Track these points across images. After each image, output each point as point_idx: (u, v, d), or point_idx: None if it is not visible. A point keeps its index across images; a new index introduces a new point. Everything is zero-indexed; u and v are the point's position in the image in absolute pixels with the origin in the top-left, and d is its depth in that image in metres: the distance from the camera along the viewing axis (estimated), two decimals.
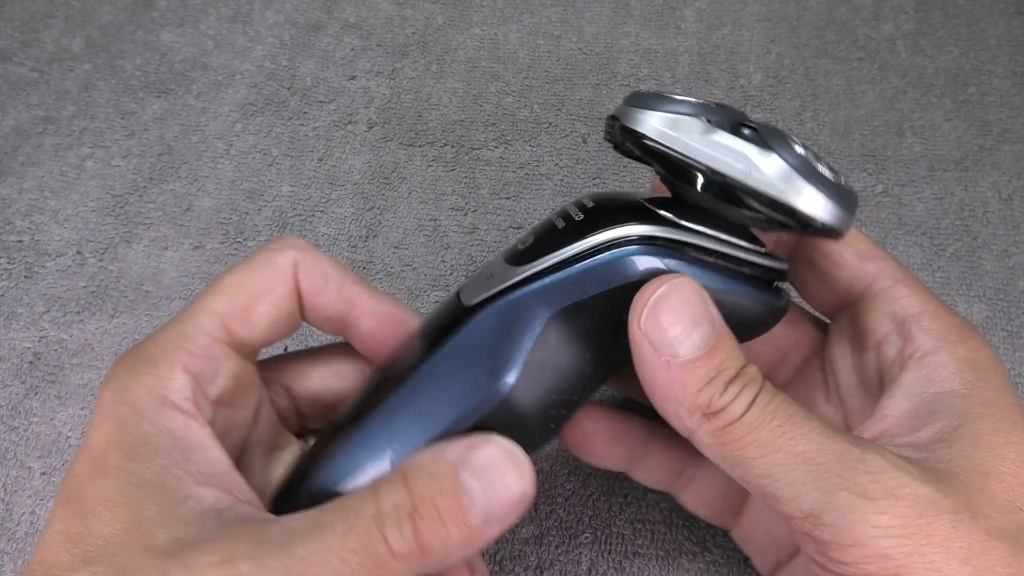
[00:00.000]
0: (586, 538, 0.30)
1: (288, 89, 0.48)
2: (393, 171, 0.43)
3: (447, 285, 0.39)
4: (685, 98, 0.21)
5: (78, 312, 0.38)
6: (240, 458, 0.24)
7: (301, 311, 0.24)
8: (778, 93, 0.46)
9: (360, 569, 0.18)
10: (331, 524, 0.19)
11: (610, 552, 0.30)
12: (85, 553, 0.18)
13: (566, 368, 0.21)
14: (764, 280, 0.22)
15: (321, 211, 0.42)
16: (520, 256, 0.22)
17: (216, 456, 0.20)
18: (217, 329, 0.22)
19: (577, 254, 0.21)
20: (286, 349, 0.34)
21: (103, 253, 0.40)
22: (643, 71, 0.48)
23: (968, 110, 0.45)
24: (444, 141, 0.45)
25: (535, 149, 0.44)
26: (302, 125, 0.46)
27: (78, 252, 0.40)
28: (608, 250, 0.21)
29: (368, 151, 0.44)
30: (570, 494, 0.31)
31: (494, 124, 0.45)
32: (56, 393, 0.35)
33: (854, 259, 0.24)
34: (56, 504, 0.19)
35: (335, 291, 0.24)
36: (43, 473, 0.33)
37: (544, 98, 0.47)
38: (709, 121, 0.20)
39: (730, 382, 0.20)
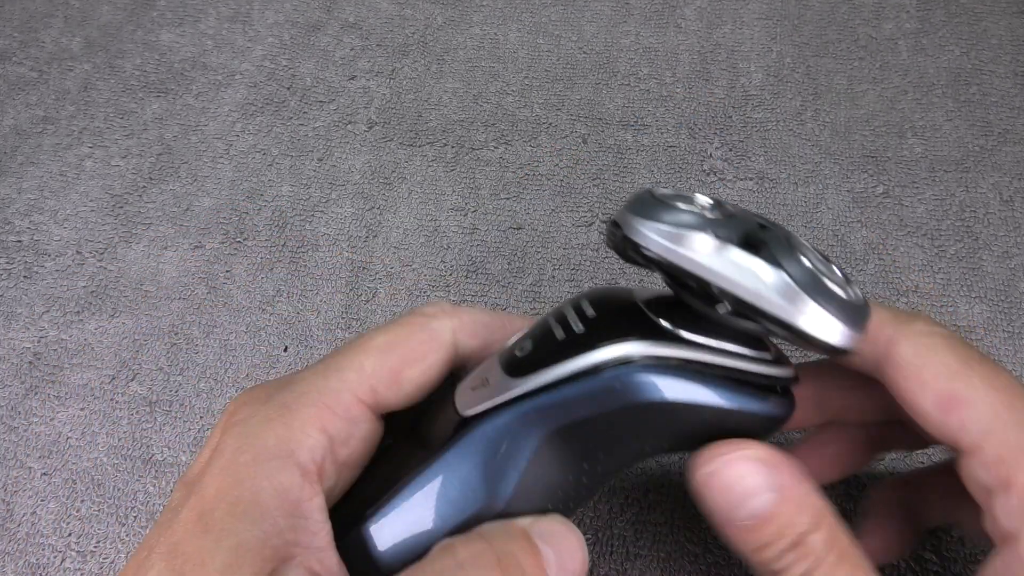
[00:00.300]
0: (587, 539, 0.30)
1: (288, 89, 0.48)
2: (393, 171, 0.43)
3: (447, 285, 0.39)
4: (691, 208, 0.20)
5: (78, 312, 0.38)
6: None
7: (460, 369, 0.24)
8: (779, 92, 0.46)
9: None
10: None
11: (611, 553, 0.30)
12: None
13: (561, 482, 0.21)
14: (770, 387, 0.21)
15: (321, 211, 0.42)
16: (518, 366, 0.21)
17: (318, 528, 0.20)
18: (363, 389, 0.21)
19: (576, 373, 0.20)
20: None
21: (103, 253, 0.40)
22: (643, 70, 0.48)
23: (969, 110, 0.45)
24: (444, 141, 0.45)
25: (535, 149, 0.44)
26: (302, 125, 0.46)
27: (77, 252, 0.40)
28: (608, 370, 0.20)
29: (368, 151, 0.44)
30: None
31: (494, 124, 0.45)
32: (56, 393, 0.35)
33: (935, 412, 0.20)
34: (156, 552, 0.19)
35: (504, 328, 0.24)
36: (43, 473, 0.33)
37: (544, 98, 0.47)
38: (719, 237, 0.19)
39: (786, 551, 0.19)
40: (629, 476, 0.32)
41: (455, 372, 0.24)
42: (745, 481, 0.19)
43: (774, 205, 0.41)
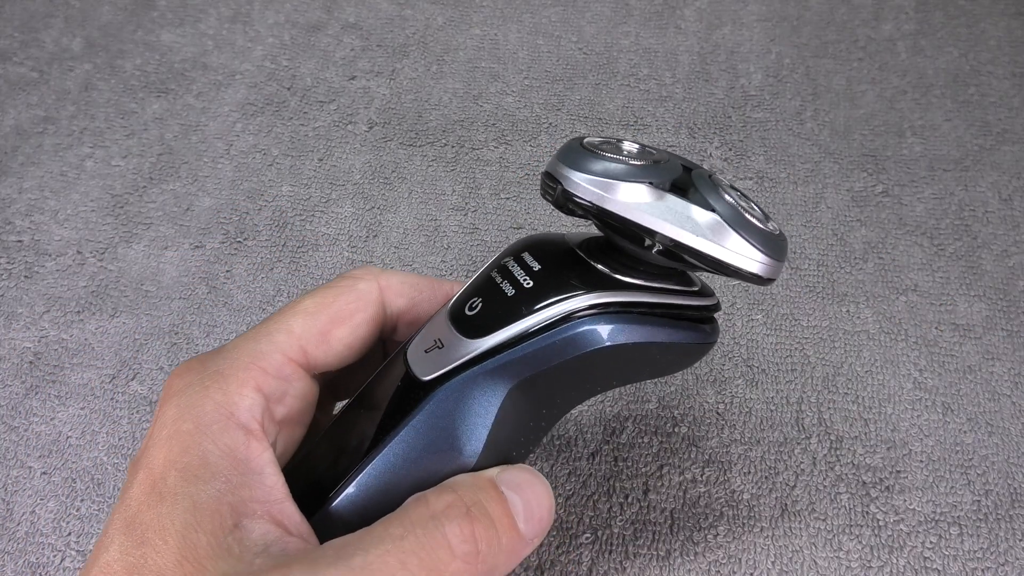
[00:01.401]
0: (587, 538, 0.30)
1: (288, 89, 0.48)
2: (393, 171, 0.43)
3: None
4: (620, 156, 0.21)
5: (78, 312, 0.38)
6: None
7: (391, 331, 0.25)
8: (778, 92, 0.46)
9: (420, 573, 0.18)
10: (384, 532, 0.19)
11: (611, 552, 0.30)
12: None
13: (525, 427, 0.22)
14: (700, 318, 0.23)
15: (321, 211, 0.42)
16: (472, 326, 0.22)
17: (272, 482, 0.20)
18: (293, 349, 0.22)
19: (535, 328, 0.21)
20: None
21: (103, 253, 0.40)
22: (643, 71, 0.48)
23: (968, 110, 0.45)
24: (444, 141, 0.45)
25: (535, 149, 0.44)
26: (302, 125, 0.46)
27: (78, 252, 0.40)
28: (566, 323, 0.21)
29: (368, 151, 0.44)
30: (570, 494, 0.31)
31: (494, 124, 0.45)
32: (56, 393, 0.35)
33: None
34: (112, 528, 0.19)
35: (432, 288, 0.25)
36: (43, 473, 0.33)
37: (544, 98, 0.47)
38: (652, 184, 0.21)
39: None
40: (628, 475, 0.32)
41: (386, 333, 0.25)
42: None
43: (774, 204, 0.41)
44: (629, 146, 0.22)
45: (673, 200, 0.20)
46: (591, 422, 0.33)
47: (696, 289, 0.23)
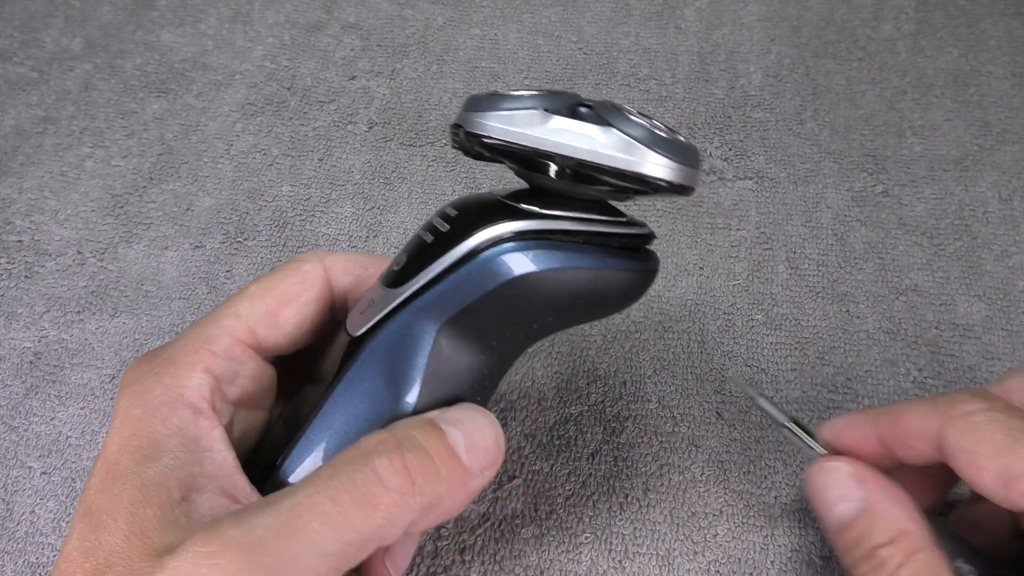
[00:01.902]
0: (586, 538, 0.30)
1: (288, 89, 0.48)
2: (393, 171, 0.43)
3: None
4: (521, 92, 0.22)
5: (78, 312, 0.38)
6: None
7: (342, 309, 0.25)
8: (778, 93, 0.46)
9: (352, 509, 0.18)
10: (315, 476, 0.19)
11: (610, 552, 0.30)
12: (96, 568, 0.18)
13: (464, 377, 0.22)
14: (633, 248, 0.23)
15: (321, 211, 0.42)
16: (396, 277, 0.22)
17: (222, 458, 0.21)
18: (241, 331, 0.23)
19: (451, 264, 0.21)
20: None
21: (103, 253, 0.40)
22: (643, 71, 0.48)
23: (968, 110, 0.45)
24: (444, 141, 0.45)
25: None
26: (302, 125, 0.46)
27: (78, 252, 0.40)
28: (480, 253, 0.21)
29: (368, 151, 0.44)
30: (570, 494, 0.31)
31: None
32: (56, 393, 0.35)
33: (997, 489, 0.21)
34: (74, 518, 0.20)
35: (377, 265, 0.25)
36: (43, 473, 0.33)
37: None
38: (547, 110, 0.21)
39: (862, 559, 0.22)
40: (628, 475, 0.32)
41: (338, 312, 0.25)
42: (831, 490, 0.23)
43: (774, 204, 0.41)
44: (527, 90, 0.22)
45: (569, 122, 0.21)
46: (591, 422, 0.33)
47: (624, 220, 0.23)
